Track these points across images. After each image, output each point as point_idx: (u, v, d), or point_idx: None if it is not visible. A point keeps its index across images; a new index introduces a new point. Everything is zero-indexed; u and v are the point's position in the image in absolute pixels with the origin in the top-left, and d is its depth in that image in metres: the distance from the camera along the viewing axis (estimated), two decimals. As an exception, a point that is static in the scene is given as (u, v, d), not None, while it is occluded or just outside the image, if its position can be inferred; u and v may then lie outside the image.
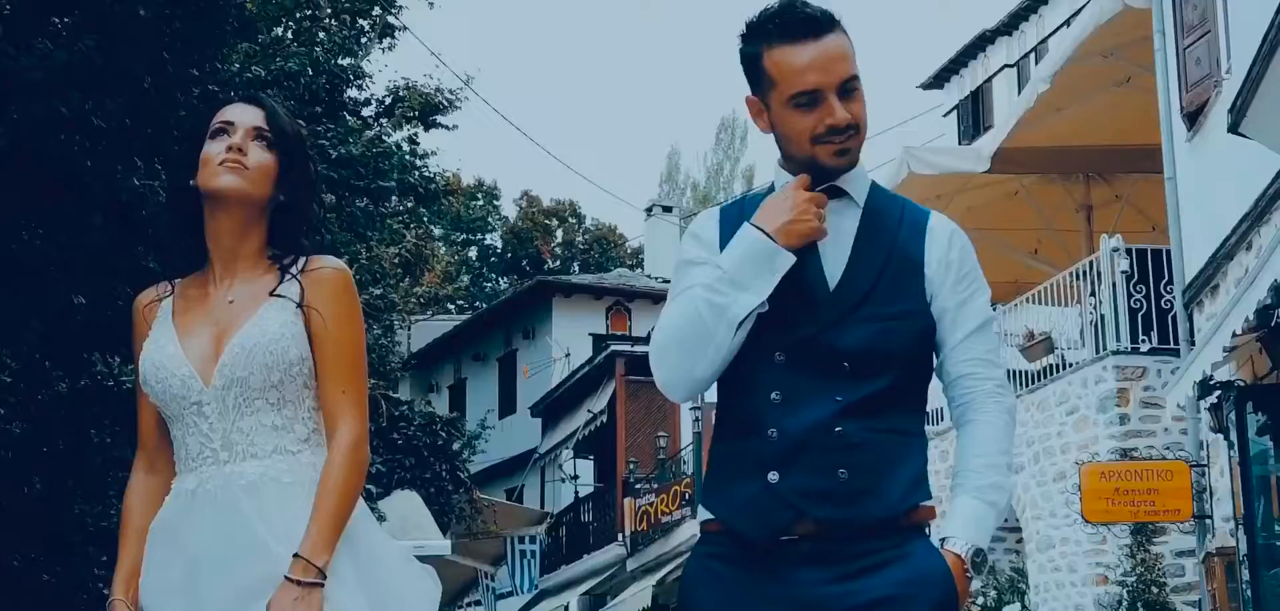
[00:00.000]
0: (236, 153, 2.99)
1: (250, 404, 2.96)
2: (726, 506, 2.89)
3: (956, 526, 2.87)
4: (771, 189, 2.98)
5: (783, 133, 2.90)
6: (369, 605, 2.91)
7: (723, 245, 2.91)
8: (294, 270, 3.03)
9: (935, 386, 3.01)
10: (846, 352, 2.82)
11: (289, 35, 13.92)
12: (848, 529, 2.78)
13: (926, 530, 2.90)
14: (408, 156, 14.14)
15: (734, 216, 2.96)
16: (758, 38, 2.89)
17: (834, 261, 2.88)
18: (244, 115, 3.06)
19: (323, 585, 2.82)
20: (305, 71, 11.22)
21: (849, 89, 2.84)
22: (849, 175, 2.91)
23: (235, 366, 2.94)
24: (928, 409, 3.04)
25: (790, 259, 2.81)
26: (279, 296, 3.00)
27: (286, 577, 2.80)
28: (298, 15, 12.35)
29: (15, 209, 7.04)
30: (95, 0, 6.66)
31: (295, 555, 2.82)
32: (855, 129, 2.86)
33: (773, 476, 2.80)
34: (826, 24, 2.85)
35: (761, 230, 2.83)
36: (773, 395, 2.82)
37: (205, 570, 2.89)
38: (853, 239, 2.90)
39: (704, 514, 2.98)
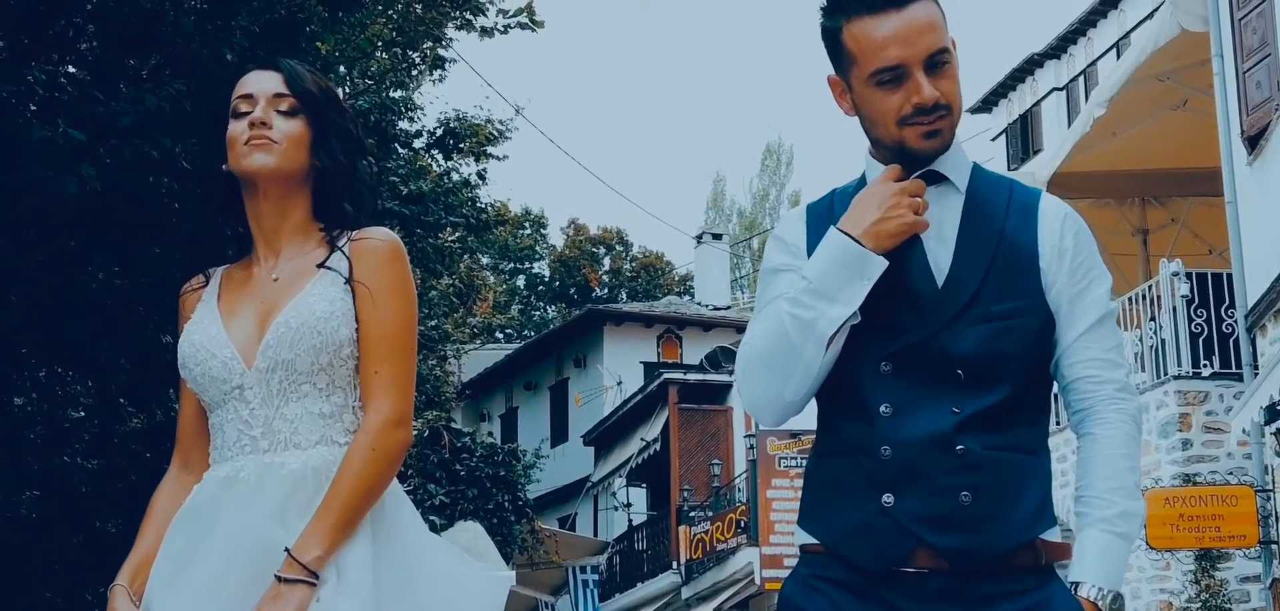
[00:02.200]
0: (260, 128, 2.74)
1: (296, 388, 2.71)
2: (833, 531, 2.61)
3: (1088, 568, 2.56)
4: (860, 180, 2.73)
5: (867, 114, 2.63)
6: (374, 607, 2.61)
7: (811, 247, 2.65)
8: (342, 243, 2.78)
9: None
10: (961, 358, 2.54)
11: (343, 69, 14.13)
12: (971, 560, 2.51)
13: (1059, 570, 2.63)
14: (473, 190, 14.28)
15: (823, 213, 2.71)
16: (837, 10, 2.62)
17: (938, 256, 2.60)
18: (262, 83, 2.80)
19: (310, 584, 2.54)
20: (375, 109, 11.38)
21: (938, 63, 2.56)
22: (946, 158, 2.63)
23: (280, 347, 2.70)
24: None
25: (882, 264, 2.53)
26: (328, 269, 2.75)
27: (275, 574, 2.55)
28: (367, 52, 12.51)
29: (105, 250, 7.20)
30: (182, 45, 6.82)
31: (285, 549, 2.57)
32: (946, 109, 2.57)
33: (887, 499, 2.53)
34: None
35: (848, 235, 2.55)
36: (882, 408, 2.55)
37: (219, 560, 2.64)
38: (957, 229, 2.62)
39: (804, 536, 2.69)
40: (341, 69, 11.05)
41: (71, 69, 7.54)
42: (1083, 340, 2.62)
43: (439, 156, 15.77)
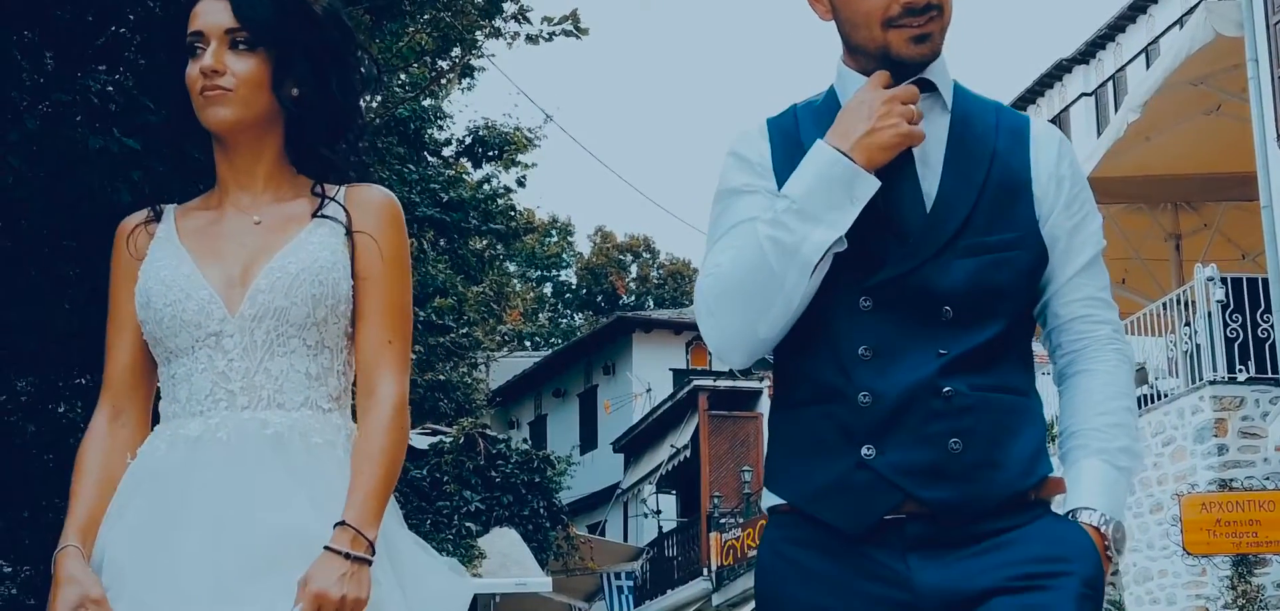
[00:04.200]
0: (212, 76, 2.45)
1: (285, 342, 2.47)
2: (805, 490, 2.34)
3: (1089, 494, 2.33)
4: (829, 94, 2.46)
5: (847, 17, 2.36)
6: (403, 597, 2.46)
7: (777, 166, 2.38)
8: (336, 194, 2.55)
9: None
10: (948, 294, 2.28)
11: (385, 78, 14.17)
12: (962, 514, 2.26)
13: (1053, 505, 2.39)
14: (510, 196, 14.38)
15: (787, 129, 2.43)
16: None
17: (924, 179, 2.34)
18: (212, 17, 2.49)
19: (372, 562, 2.34)
20: (413, 118, 11.46)
21: None
22: (934, 68, 2.37)
23: (274, 293, 2.45)
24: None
25: (874, 184, 2.26)
26: (324, 218, 2.52)
27: (328, 547, 2.31)
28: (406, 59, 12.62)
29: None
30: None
31: (340, 523, 2.33)
32: (938, 9, 2.31)
33: (867, 451, 2.26)
34: None
35: (837, 149, 2.27)
36: (860, 350, 2.28)
37: (201, 528, 2.37)
38: (944, 150, 2.35)
39: (771, 499, 2.42)
40: (383, 77, 11.14)
41: (119, 77, 7.60)
42: (1078, 278, 2.40)
43: (468, 164, 15.88)
